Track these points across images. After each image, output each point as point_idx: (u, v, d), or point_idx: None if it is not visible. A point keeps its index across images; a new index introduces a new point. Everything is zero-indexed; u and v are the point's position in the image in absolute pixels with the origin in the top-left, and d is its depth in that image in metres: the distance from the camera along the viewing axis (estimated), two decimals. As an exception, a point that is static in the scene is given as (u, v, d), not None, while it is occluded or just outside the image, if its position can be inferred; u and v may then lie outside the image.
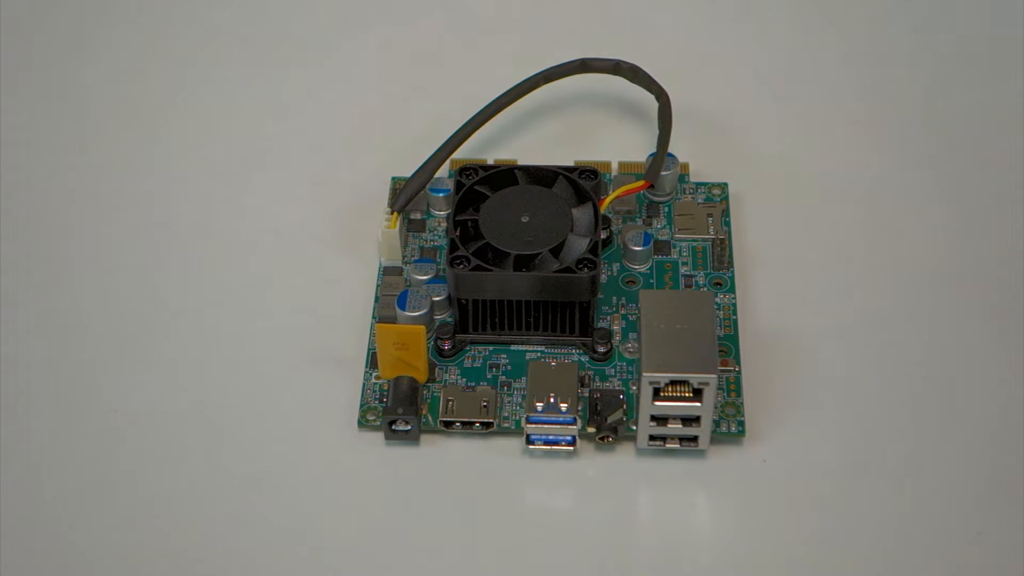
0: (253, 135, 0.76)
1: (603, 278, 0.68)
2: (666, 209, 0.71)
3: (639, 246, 0.68)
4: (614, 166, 0.73)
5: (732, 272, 0.68)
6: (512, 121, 0.75)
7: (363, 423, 0.64)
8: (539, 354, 0.66)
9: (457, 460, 0.63)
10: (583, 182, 0.67)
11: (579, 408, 0.63)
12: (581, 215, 0.66)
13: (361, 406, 0.64)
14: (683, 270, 0.68)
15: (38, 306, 0.69)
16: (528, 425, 0.62)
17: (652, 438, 0.62)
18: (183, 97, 0.78)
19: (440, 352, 0.65)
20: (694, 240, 0.69)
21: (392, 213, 0.69)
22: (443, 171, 0.71)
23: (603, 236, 0.68)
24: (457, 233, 0.65)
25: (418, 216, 0.71)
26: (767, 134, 0.75)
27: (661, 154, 0.70)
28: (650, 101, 0.73)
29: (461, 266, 0.64)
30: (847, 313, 0.68)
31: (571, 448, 0.63)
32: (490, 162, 0.73)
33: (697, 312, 0.62)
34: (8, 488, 0.62)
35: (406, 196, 0.69)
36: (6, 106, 0.77)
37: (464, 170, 0.67)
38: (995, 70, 0.78)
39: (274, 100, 0.78)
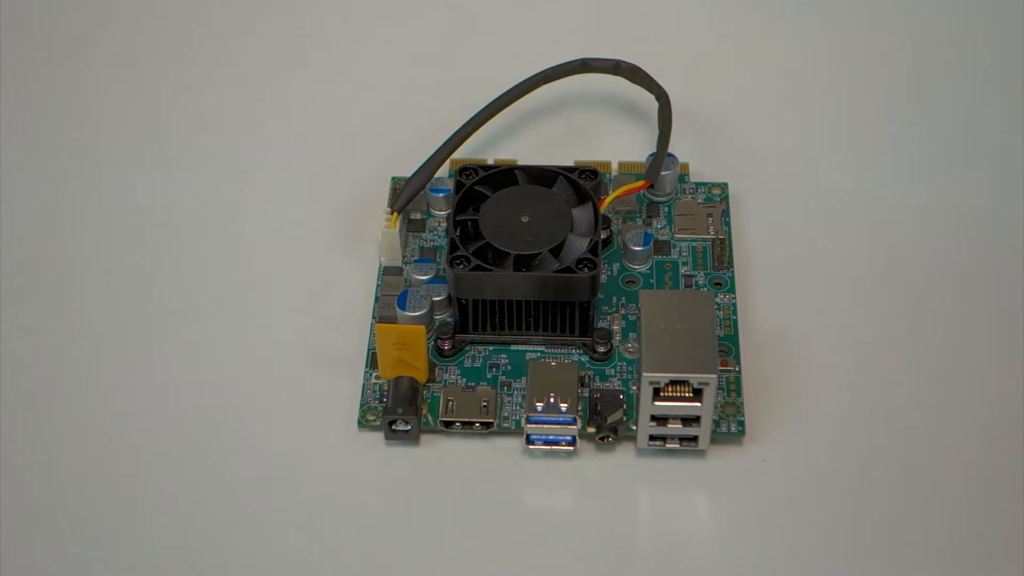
0: (253, 135, 0.76)
1: (603, 278, 0.68)
2: (666, 209, 0.71)
3: (639, 246, 0.68)
4: (614, 166, 0.73)
5: (732, 272, 0.68)
6: (512, 121, 0.75)
7: (363, 423, 0.64)
8: (539, 354, 0.66)
9: (457, 460, 0.63)
10: (583, 182, 0.67)
11: (579, 408, 0.63)
12: (581, 215, 0.66)
13: (361, 406, 0.64)
14: (683, 270, 0.68)
15: (37, 306, 0.68)
16: (528, 425, 0.62)
17: (652, 438, 0.62)
18: (183, 97, 0.78)
19: (440, 352, 0.65)
20: (694, 240, 0.69)
21: (392, 213, 0.69)
22: (443, 171, 0.71)
23: (603, 236, 0.68)
24: (457, 233, 0.65)
25: (418, 216, 0.71)
26: (767, 134, 0.75)
27: (661, 154, 0.70)
28: (650, 101, 0.73)
29: (461, 266, 0.64)
30: (847, 313, 0.68)
31: (571, 448, 0.63)
32: (490, 162, 0.73)
33: (697, 312, 0.62)
34: (8, 488, 0.62)
35: (406, 196, 0.69)
36: (6, 106, 0.77)
37: (464, 170, 0.67)
38: (995, 70, 0.78)
39: (274, 100, 0.78)
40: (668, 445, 0.62)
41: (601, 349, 0.65)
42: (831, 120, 0.76)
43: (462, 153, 0.72)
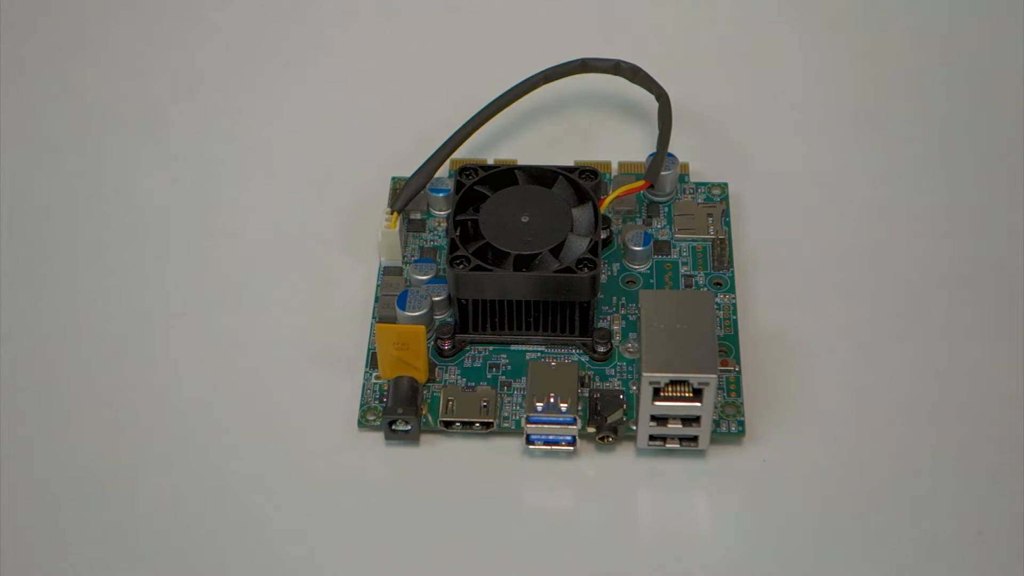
0: (253, 135, 0.76)
1: (603, 278, 0.68)
2: (666, 209, 0.71)
3: (639, 246, 0.68)
4: (614, 166, 0.73)
5: (732, 272, 0.68)
6: (512, 121, 0.75)
7: (363, 423, 0.64)
8: (539, 354, 0.66)
9: (457, 460, 0.63)
10: (583, 182, 0.67)
11: (579, 408, 0.63)
12: (581, 215, 0.66)
13: (361, 406, 0.64)
14: (683, 270, 0.68)
15: (38, 306, 0.69)
16: (528, 425, 0.62)
17: (652, 438, 0.62)
18: (183, 97, 0.78)
19: (440, 352, 0.65)
20: (694, 240, 0.69)
21: (392, 213, 0.69)
22: (443, 171, 0.71)
23: (603, 236, 0.68)
24: (457, 233, 0.65)
25: (418, 216, 0.71)
26: (767, 134, 0.75)
27: (661, 154, 0.70)
28: (650, 101, 0.73)
29: (461, 266, 0.64)
30: (847, 313, 0.68)
31: (571, 448, 0.63)
32: (490, 162, 0.73)
33: (697, 312, 0.62)
34: (8, 488, 0.62)
35: (406, 196, 0.69)
36: (6, 106, 0.77)
37: (464, 170, 0.67)
38: (995, 70, 0.78)
39: (274, 100, 0.78)
40: (668, 445, 0.62)
41: (601, 349, 0.65)
42: (831, 120, 0.76)
43: (462, 153, 0.72)
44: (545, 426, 0.62)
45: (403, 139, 0.74)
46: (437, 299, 0.66)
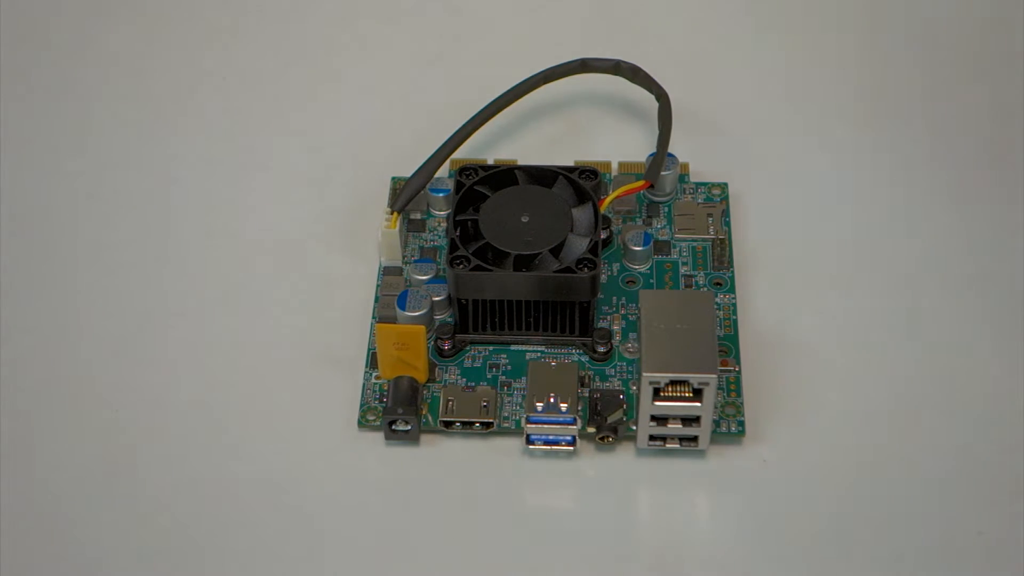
0: (253, 135, 0.76)
1: (603, 278, 0.68)
2: (666, 209, 0.71)
3: (639, 246, 0.68)
4: (614, 166, 0.73)
5: (732, 272, 0.68)
6: (512, 121, 0.75)
7: (363, 423, 0.64)
8: (539, 354, 0.66)
9: (457, 460, 0.63)
10: (583, 182, 0.67)
11: (579, 408, 0.63)
12: (581, 215, 0.66)
13: (361, 406, 0.64)
14: (683, 270, 0.68)
15: (38, 306, 0.69)
16: (528, 425, 0.62)
17: (652, 438, 0.62)
18: (183, 97, 0.78)
19: (440, 352, 0.65)
20: (694, 240, 0.69)
21: (392, 213, 0.69)
22: (443, 171, 0.71)
23: (603, 236, 0.68)
24: (457, 233, 0.65)
25: (418, 216, 0.71)
26: (767, 134, 0.75)
27: (661, 154, 0.70)
28: (650, 101, 0.73)
29: (461, 266, 0.64)
30: (847, 313, 0.68)
31: (571, 448, 0.63)
32: (490, 162, 0.73)
33: (697, 312, 0.62)
34: (8, 488, 0.62)
35: (406, 196, 0.69)
36: (6, 106, 0.77)
37: (464, 170, 0.67)
38: (995, 70, 0.78)
39: (274, 100, 0.78)
40: (668, 445, 0.62)
41: (601, 349, 0.65)
42: (831, 120, 0.76)
43: (462, 153, 0.72)
44: (545, 426, 0.62)
45: (403, 139, 0.74)
46: (437, 299, 0.66)
